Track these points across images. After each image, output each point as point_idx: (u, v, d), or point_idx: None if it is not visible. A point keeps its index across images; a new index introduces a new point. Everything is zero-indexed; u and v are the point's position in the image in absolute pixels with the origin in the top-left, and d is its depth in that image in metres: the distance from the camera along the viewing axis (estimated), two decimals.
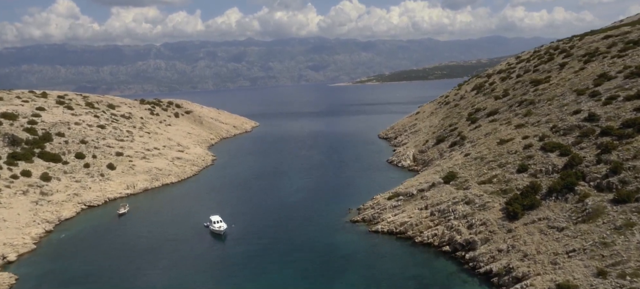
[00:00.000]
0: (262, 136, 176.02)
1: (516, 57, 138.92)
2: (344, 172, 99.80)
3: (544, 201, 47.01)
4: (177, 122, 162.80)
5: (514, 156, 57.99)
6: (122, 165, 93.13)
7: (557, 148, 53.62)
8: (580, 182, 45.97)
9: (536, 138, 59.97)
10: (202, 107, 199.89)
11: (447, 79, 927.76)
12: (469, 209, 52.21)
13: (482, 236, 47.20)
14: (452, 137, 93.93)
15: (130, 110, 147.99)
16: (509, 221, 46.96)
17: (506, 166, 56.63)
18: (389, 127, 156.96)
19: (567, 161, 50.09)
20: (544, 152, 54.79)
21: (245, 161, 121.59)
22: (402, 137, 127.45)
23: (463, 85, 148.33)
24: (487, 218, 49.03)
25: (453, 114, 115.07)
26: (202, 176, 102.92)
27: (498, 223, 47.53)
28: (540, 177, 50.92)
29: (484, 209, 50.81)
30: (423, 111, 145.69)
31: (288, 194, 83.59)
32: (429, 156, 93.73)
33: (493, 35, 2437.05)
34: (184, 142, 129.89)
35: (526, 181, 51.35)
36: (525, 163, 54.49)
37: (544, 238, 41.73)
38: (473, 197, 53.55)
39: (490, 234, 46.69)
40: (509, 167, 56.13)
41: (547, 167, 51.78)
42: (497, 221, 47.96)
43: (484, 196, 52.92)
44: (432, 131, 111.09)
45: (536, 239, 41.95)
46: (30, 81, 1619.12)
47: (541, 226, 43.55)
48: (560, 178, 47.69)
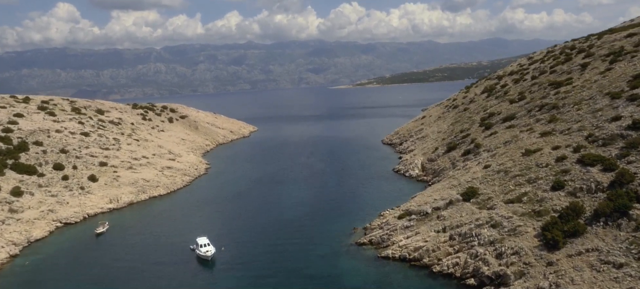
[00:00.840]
0: (260, 141, 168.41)
1: (528, 58, 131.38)
2: (347, 183, 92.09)
3: (590, 227, 39.32)
4: (171, 127, 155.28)
5: (546, 170, 50.25)
6: (106, 176, 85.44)
7: (598, 161, 45.95)
8: (635, 205, 38.29)
9: (569, 149, 52.31)
10: (198, 111, 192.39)
11: (447, 81, 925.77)
12: (496, 233, 44.47)
13: (515, 268, 39.46)
14: (464, 145, 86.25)
15: (121, 115, 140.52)
16: (548, 250, 39.24)
17: (537, 182, 48.88)
18: (393, 132, 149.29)
19: (613, 177, 42.44)
20: (583, 167, 47.09)
21: (241, 169, 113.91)
22: (408, 144, 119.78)
23: (471, 87, 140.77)
24: (519, 246, 41.29)
25: (463, 118, 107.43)
26: (193, 187, 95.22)
27: (534, 253, 39.80)
28: (582, 197, 43.23)
29: (515, 235, 43.08)
30: (429, 115, 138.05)
31: (286, 208, 75.85)
32: (440, 165, 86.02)
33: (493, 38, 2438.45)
34: (176, 150, 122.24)
35: (564, 201, 43.65)
36: (561, 179, 46.76)
37: (597, 275, 34.01)
38: (500, 220, 45.82)
39: (526, 266, 38.95)
40: (541, 183, 48.38)
41: (588, 184, 44.07)
42: (533, 250, 40.22)
43: (513, 218, 45.18)
44: (441, 137, 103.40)
45: (587, 277, 34.24)
46: (30, 85, 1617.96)
47: (591, 260, 35.84)
48: (608, 199, 40.00)
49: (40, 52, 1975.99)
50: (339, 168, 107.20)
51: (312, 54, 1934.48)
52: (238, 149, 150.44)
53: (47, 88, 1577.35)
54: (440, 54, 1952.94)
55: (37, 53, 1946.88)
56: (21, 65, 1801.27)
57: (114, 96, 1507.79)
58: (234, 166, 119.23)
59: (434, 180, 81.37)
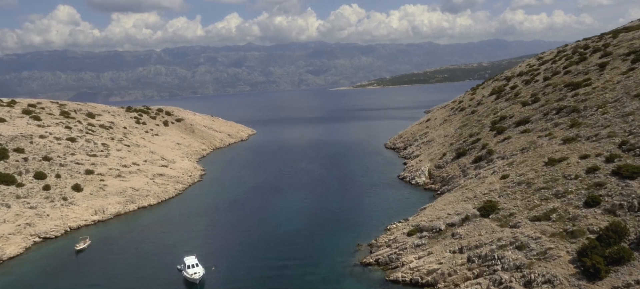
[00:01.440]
0: (259, 145, 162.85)
1: (537, 58, 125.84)
2: (349, 191, 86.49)
3: (636, 252, 33.72)
4: (166, 131, 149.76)
5: (576, 183, 44.65)
6: (91, 185, 79.80)
7: (638, 174, 40.38)
8: None
9: (600, 158, 46.75)
10: (194, 114, 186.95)
11: (448, 83, 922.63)
12: (522, 257, 38.84)
13: None
14: (475, 151, 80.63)
15: (113, 119, 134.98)
16: (588, 280, 33.61)
17: (567, 197, 43.27)
18: (396, 135, 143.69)
19: None
20: (620, 179, 41.51)
21: (238, 175, 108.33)
22: (412, 148, 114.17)
23: (478, 89, 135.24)
24: (552, 273, 35.66)
25: (471, 122, 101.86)
26: (186, 196, 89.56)
27: (571, 283, 34.17)
28: (622, 215, 37.65)
29: (546, 259, 37.46)
30: (434, 118, 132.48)
31: (284, 220, 70.21)
32: (449, 172, 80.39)
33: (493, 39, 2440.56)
34: (170, 155, 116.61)
35: (602, 221, 38.07)
36: (595, 194, 41.17)
37: None
38: (526, 240, 40.19)
39: None
40: (572, 198, 42.78)
41: (629, 200, 38.49)
42: (569, 279, 34.59)
43: (542, 239, 39.55)
44: (448, 141, 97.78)
45: None
46: (30, 88, 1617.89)
47: None
48: None
49: (41, 54, 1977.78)
50: (341, 174, 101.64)
51: (312, 55, 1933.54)
52: (235, 154, 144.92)
53: (47, 90, 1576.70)
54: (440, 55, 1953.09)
55: (37, 55, 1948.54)
56: (21, 68, 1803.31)
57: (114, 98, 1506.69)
58: (230, 172, 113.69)
59: (442, 188, 75.78)
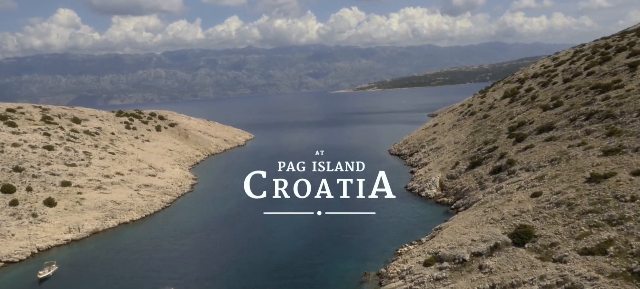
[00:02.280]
0: (256, 150, 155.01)
1: (552, 59, 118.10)
2: (352, 203, 78.65)
3: None
4: (158, 137, 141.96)
5: (634, 207, 36.76)
6: (67, 199, 71.92)
7: None
8: None
9: None
10: (189, 118, 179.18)
11: (449, 85, 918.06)
12: None
13: None
14: (492, 160, 72.74)
15: (101, 124, 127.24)
16: None
17: (625, 224, 35.40)
18: (401, 141, 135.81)
19: None
20: None
21: (232, 185, 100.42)
22: (420, 155, 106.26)
23: (488, 91, 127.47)
24: None
25: (484, 127, 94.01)
26: (174, 209, 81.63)
27: None
28: None
29: None
30: (442, 123, 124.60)
31: (280, 241, 62.33)
32: (463, 184, 72.49)
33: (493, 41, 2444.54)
34: (160, 163, 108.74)
35: None
36: None
37: None
38: (580, 282, 32.26)
39: None
40: (632, 226, 34.89)
41: None
42: None
43: (599, 280, 31.63)
44: (460, 149, 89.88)
45: None
46: (30, 91, 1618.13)
47: None
48: None
49: (41, 58, 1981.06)
50: (343, 185, 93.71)
51: (312, 58, 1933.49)
52: (231, 161, 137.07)
53: (47, 94, 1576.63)
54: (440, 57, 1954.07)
55: (38, 59, 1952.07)
56: (21, 71, 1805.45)
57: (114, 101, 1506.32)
58: (224, 180, 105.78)
59: (457, 202, 67.92)
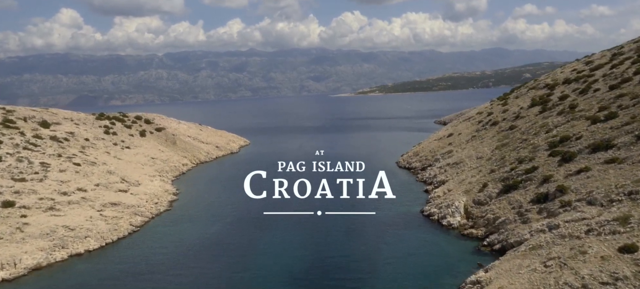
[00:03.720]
0: (250, 159, 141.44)
1: (585, 62, 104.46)
2: (358, 232, 65.05)
3: None
4: (141, 143, 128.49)
5: None
6: (5, 225, 58.24)
7: None
8: None
9: None
10: (179, 122, 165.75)
11: (451, 91, 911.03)
12: None
13: None
14: (532, 184, 58.99)
15: (76, 129, 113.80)
16: None
17: None
18: (410, 151, 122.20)
19: None
20: None
21: (218, 201, 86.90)
22: (434, 170, 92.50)
23: (509, 97, 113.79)
24: None
25: (513, 141, 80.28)
26: (144, 235, 67.77)
27: None
28: None
29: None
30: (458, 133, 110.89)
31: (267, 285, 48.66)
32: (496, 212, 58.75)
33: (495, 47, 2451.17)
34: (136, 175, 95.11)
35: None
36: None
37: None
38: None
39: None
40: None
41: None
42: None
43: None
44: (486, 166, 76.09)
45: None
46: (31, 90, 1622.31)
47: None
48: None
49: (42, 57, 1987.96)
50: (347, 204, 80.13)
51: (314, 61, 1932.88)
52: (221, 170, 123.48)
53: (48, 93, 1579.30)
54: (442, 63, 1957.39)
55: (39, 58, 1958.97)
56: (23, 70, 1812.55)
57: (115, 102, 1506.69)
58: (209, 196, 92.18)
59: (491, 238, 54.13)
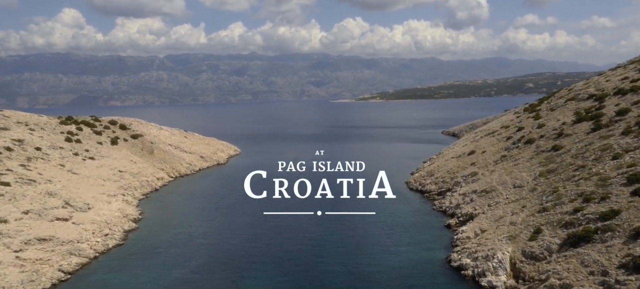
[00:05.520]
0: (238, 171, 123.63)
1: (637, 68, 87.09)
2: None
3: None
4: (110, 152, 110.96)
5: None
6: None
7: None
8: None
9: None
10: (160, 128, 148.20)
11: (453, 99, 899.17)
12: None
13: None
14: (617, 238, 41.15)
15: (27, 135, 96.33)
16: None
17: None
18: (423, 170, 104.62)
19: None
20: None
21: (188, 233, 69.06)
22: (456, 198, 74.68)
23: (539, 109, 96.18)
24: None
25: (564, 166, 62.66)
26: (72, 287, 50.07)
27: None
28: None
29: None
30: (482, 151, 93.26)
31: None
32: (562, 275, 40.99)
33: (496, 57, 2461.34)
34: (90, 195, 77.36)
35: None
36: None
37: None
38: None
39: None
40: None
41: None
42: None
43: None
44: (532, 201, 58.32)
45: None
46: (31, 89, 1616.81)
47: None
48: None
49: (43, 56, 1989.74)
50: (347, 241, 62.57)
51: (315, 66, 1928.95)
52: (202, 187, 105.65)
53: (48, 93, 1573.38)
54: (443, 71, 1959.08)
55: (40, 57, 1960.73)
56: (23, 69, 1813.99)
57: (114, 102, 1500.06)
58: (179, 222, 74.27)
59: None
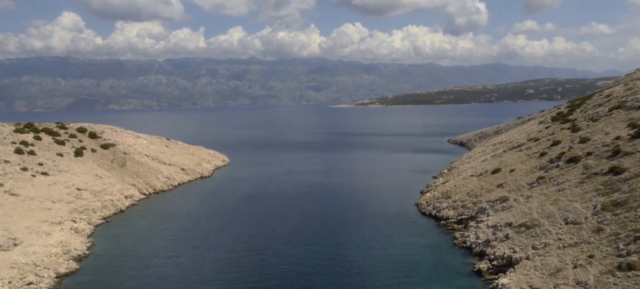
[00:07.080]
0: (224, 187, 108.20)
1: None
2: None
3: None
4: (71, 166, 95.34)
5: None
6: None
7: None
8: None
9: None
10: (138, 137, 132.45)
11: (453, 105, 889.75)
12: None
13: None
14: None
15: None
16: None
17: None
18: (435, 188, 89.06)
19: None
20: None
21: (145, 274, 53.32)
22: (486, 233, 59.18)
23: (575, 119, 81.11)
24: None
25: (636, 197, 47.41)
26: None
27: None
28: None
29: None
30: (508, 168, 77.75)
31: None
32: None
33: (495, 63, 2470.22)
34: (24, 223, 61.57)
35: None
36: None
37: None
38: None
39: None
40: None
41: None
42: None
43: None
44: (601, 248, 42.84)
45: None
46: (29, 92, 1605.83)
47: None
48: None
49: (42, 59, 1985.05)
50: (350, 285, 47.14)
51: (314, 71, 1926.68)
52: (177, 206, 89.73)
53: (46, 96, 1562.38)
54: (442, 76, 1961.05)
55: (38, 61, 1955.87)
56: (22, 72, 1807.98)
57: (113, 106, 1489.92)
58: (137, 260, 58.33)
59: None
